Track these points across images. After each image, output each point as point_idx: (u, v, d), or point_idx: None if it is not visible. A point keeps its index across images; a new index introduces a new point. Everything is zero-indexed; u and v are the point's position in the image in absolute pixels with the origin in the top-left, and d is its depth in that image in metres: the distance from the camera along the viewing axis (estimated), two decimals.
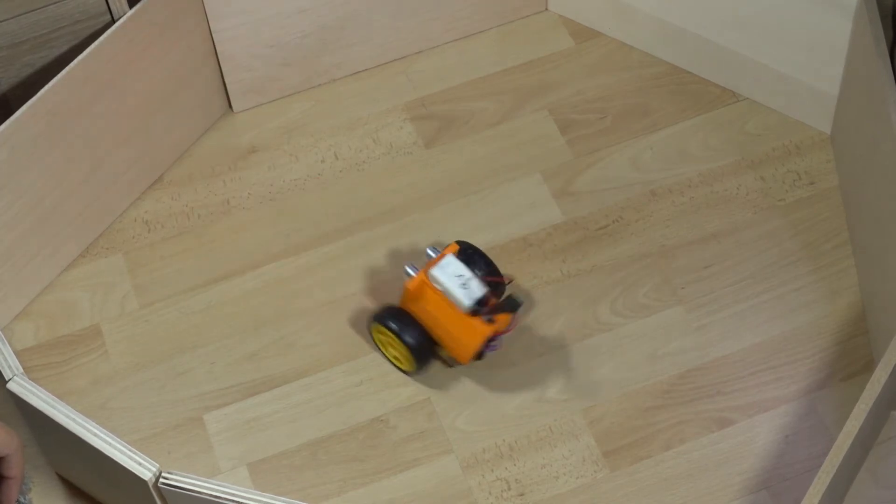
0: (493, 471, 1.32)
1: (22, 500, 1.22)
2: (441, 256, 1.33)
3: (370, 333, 1.39)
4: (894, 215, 1.29)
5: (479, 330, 1.31)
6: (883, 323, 1.32)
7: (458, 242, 1.37)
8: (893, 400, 1.28)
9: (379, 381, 1.38)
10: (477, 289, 1.31)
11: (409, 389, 1.38)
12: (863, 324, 1.38)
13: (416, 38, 1.60)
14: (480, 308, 1.31)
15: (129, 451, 1.15)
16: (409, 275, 1.34)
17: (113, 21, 1.40)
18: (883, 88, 1.30)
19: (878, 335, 1.34)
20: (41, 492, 1.33)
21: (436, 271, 1.32)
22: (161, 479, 1.14)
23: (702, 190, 1.49)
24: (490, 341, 1.32)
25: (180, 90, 1.50)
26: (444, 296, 1.31)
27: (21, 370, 1.20)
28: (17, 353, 1.40)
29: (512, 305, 1.32)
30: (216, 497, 1.13)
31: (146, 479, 1.14)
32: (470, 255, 1.37)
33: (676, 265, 1.44)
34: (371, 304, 1.42)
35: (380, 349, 1.39)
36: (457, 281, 1.31)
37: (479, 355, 1.33)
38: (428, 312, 1.33)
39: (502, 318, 1.32)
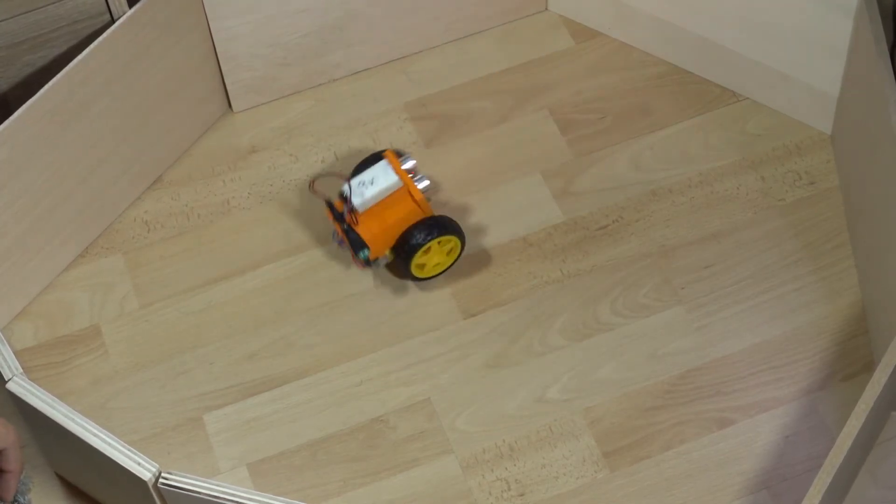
0: (493, 471, 1.32)
1: (21, 500, 1.22)
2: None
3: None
4: (894, 215, 1.29)
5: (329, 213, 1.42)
6: (883, 323, 1.32)
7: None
8: (894, 400, 1.27)
9: (379, 381, 1.38)
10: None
11: (409, 389, 1.38)
12: (863, 324, 1.38)
13: (416, 38, 1.60)
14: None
15: (129, 451, 1.15)
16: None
17: (112, 21, 1.40)
18: (883, 88, 1.30)
19: (878, 335, 1.34)
20: (41, 492, 1.33)
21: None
22: (161, 480, 1.14)
23: (702, 190, 1.49)
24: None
25: (180, 90, 1.50)
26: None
27: (21, 370, 1.20)
28: (17, 353, 1.39)
29: (355, 242, 1.39)
30: (216, 497, 1.13)
31: (146, 479, 1.14)
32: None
33: (676, 265, 1.44)
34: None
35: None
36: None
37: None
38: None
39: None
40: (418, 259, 1.40)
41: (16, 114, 1.33)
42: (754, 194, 1.48)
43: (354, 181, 1.39)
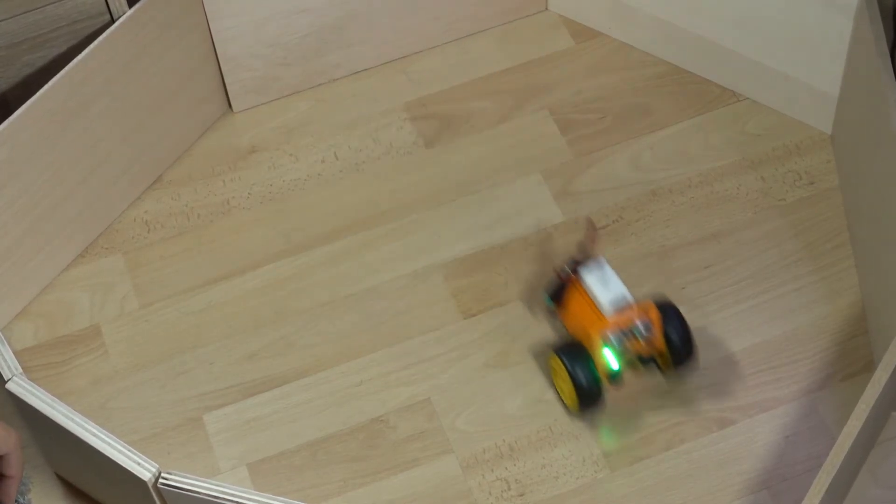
0: (493, 471, 1.32)
1: (21, 500, 1.22)
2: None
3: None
4: (894, 215, 1.29)
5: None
6: (883, 323, 1.32)
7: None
8: (894, 400, 1.27)
9: (379, 381, 1.38)
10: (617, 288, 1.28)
11: (409, 389, 1.37)
12: (863, 324, 1.38)
13: (416, 38, 1.60)
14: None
15: (129, 451, 1.15)
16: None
17: (112, 21, 1.40)
18: (883, 88, 1.30)
19: (878, 335, 1.34)
20: (40, 492, 1.33)
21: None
22: (160, 480, 1.14)
23: (702, 190, 1.49)
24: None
25: (180, 90, 1.50)
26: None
27: (20, 370, 1.20)
28: (17, 353, 1.39)
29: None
30: (216, 497, 1.13)
31: (146, 479, 1.14)
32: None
33: (676, 265, 1.44)
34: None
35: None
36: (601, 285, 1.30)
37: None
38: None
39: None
40: (555, 358, 1.32)
41: (15, 114, 1.33)
42: (754, 194, 1.48)
43: (609, 269, 1.32)
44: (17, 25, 1.38)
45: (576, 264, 1.32)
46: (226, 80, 1.55)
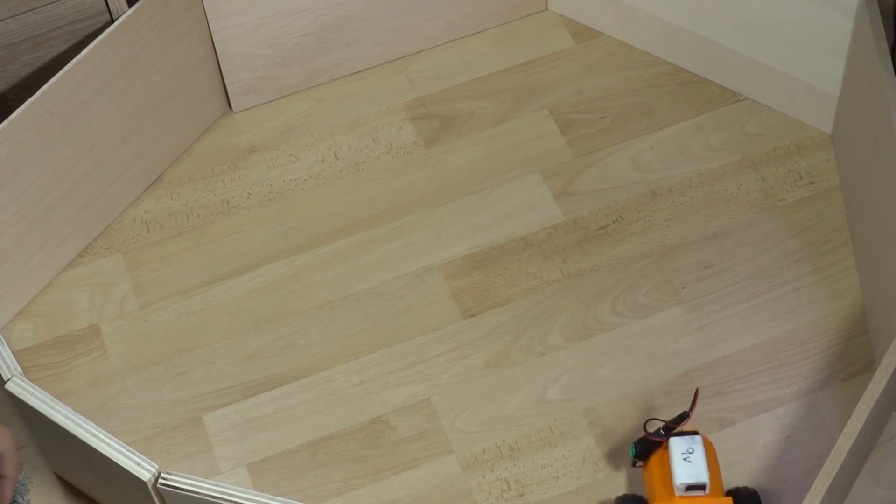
0: (493, 471, 1.32)
1: (20, 500, 1.22)
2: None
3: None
4: (895, 215, 1.29)
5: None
6: (884, 323, 1.32)
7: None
8: (894, 400, 1.27)
9: (379, 381, 1.38)
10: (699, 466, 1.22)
11: (409, 389, 1.37)
12: (864, 324, 1.38)
13: (416, 37, 1.60)
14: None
15: (128, 451, 1.15)
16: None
17: (112, 20, 1.40)
18: (884, 88, 1.30)
19: (879, 335, 1.34)
20: (40, 492, 1.33)
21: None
22: (160, 480, 1.14)
23: (702, 190, 1.49)
24: None
25: (180, 90, 1.50)
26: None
27: (20, 370, 1.20)
28: (16, 354, 1.40)
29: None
30: (215, 497, 1.13)
31: (145, 479, 1.14)
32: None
33: (677, 265, 1.44)
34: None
35: None
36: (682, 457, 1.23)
37: None
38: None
39: None
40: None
41: (15, 113, 1.33)
42: (754, 194, 1.48)
43: (701, 448, 1.23)
44: (17, 25, 1.38)
45: (670, 430, 1.26)
46: (225, 80, 1.54)
